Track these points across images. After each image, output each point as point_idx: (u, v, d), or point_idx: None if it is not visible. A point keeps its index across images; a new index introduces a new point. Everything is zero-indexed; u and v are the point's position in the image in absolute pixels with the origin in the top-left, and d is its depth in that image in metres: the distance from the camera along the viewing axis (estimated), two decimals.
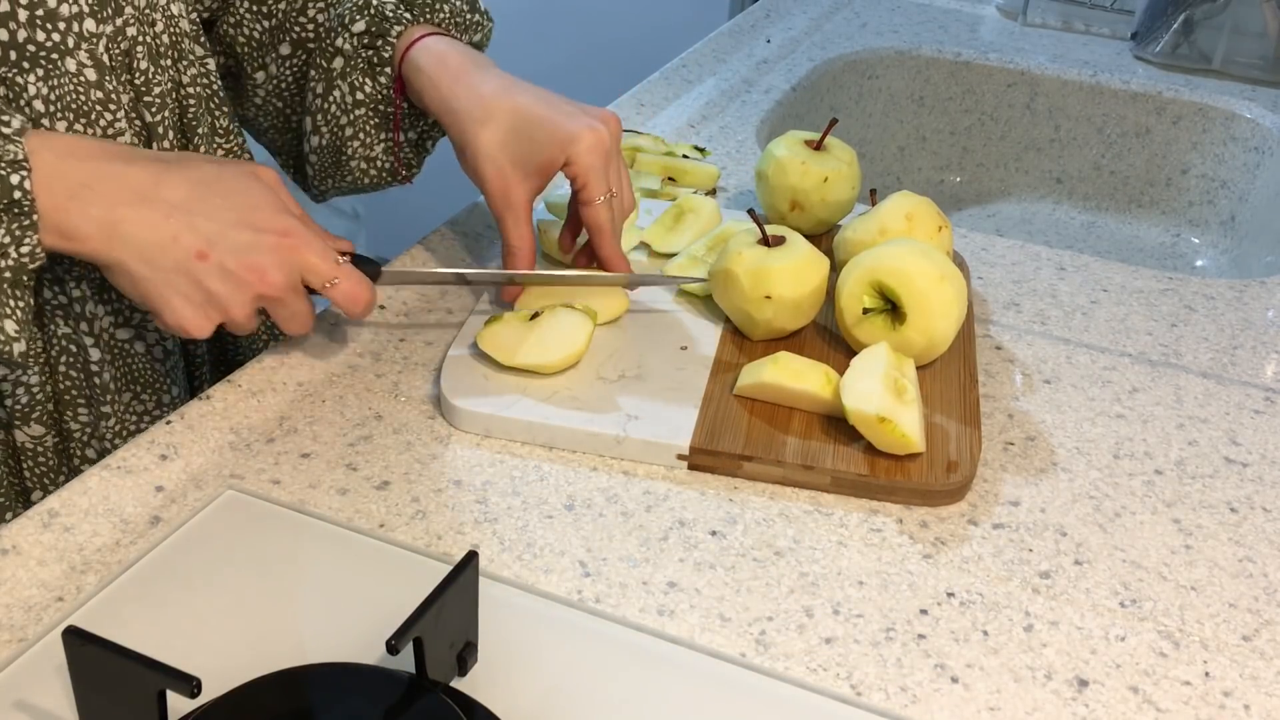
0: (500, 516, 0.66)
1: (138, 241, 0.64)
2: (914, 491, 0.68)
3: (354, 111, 0.82)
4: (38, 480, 0.75)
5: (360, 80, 0.81)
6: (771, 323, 0.77)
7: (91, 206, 0.63)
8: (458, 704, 0.52)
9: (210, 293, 0.65)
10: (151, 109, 0.73)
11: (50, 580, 0.60)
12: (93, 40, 0.69)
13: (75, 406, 0.75)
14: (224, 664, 0.54)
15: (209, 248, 0.65)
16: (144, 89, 0.73)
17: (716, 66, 1.33)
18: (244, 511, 0.65)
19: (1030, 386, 0.81)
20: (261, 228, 0.66)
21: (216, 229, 0.65)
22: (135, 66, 0.72)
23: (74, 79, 0.68)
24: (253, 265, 0.66)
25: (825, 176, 0.90)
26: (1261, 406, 0.81)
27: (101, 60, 0.69)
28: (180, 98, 0.76)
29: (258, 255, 0.66)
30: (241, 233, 0.65)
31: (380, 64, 0.81)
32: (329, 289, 0.69)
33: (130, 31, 0.71)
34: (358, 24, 0.80)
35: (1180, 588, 0.65)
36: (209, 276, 0.65)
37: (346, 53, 0.81)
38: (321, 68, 0.82)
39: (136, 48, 0.72)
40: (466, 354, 0.76)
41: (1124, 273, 0.96)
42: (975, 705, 0.57)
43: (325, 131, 0.84)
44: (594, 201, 0.76)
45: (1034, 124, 1.43)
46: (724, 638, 0.59)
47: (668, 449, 0.70)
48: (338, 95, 0.82)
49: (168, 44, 0.75)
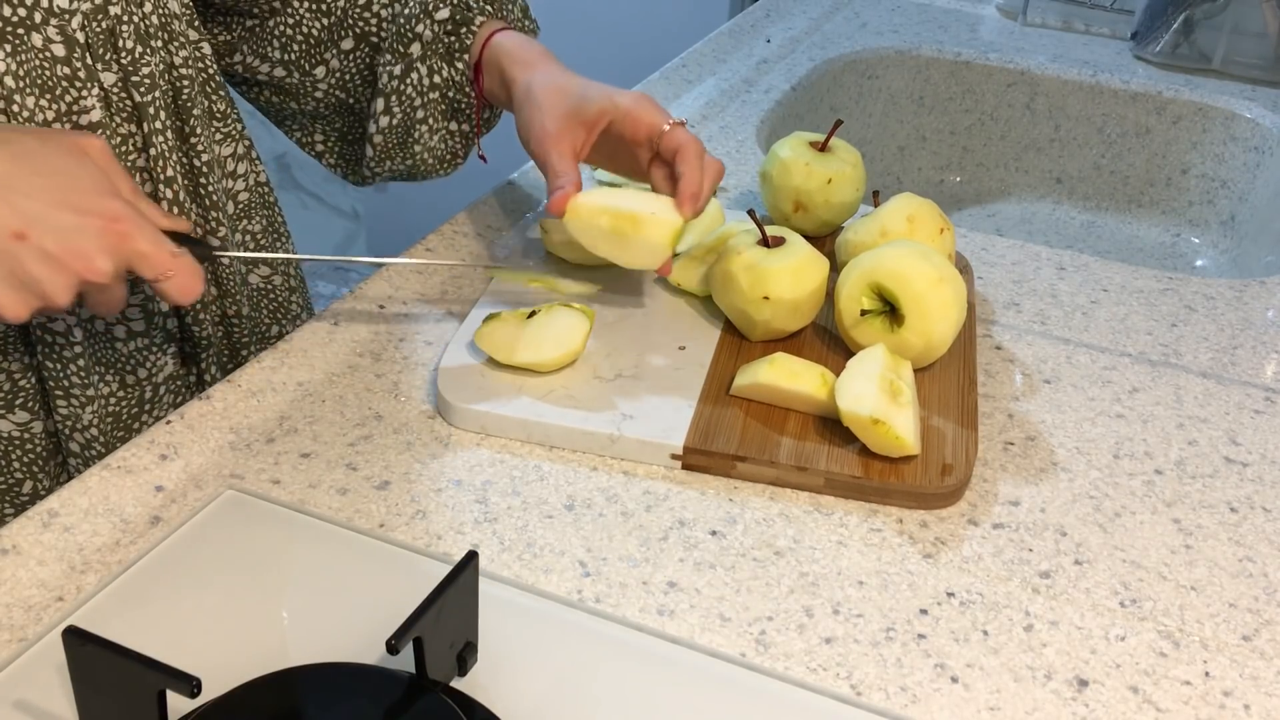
0: (500, 516, 0.66)
1: None
2: (908, 494, 0.68)
3: (429, 94, 0.87)
4: (27, 470, 0.76)
5: (439, 65, 0.86)
6: (770, 323, 0.78)
7: None
8: (458, 704, 0.52)
9: (29, 275, 0.60)
10: (140, 89, 0.73)
11: (50, 580, 0.60)
12: (64, 16, 0.68)
13: (53, 397, 0.74)
14: (224, 664, 0.54)
15: (27, 228, 0.60)
16: (131, 69, 0.72)
17: (716, 66, 1.33)
18: (244, 511, 0.65)
19: (1030, 386, 0.81)
20: (88, 210, 0.62)
21: (38, 209, 0.60)
22: (121, 46, 0.72)
23: (40, 54, 0.68)
24: (77, 251, 0.61)
25: (829, 178, 0.90)
26: (1261, 406, 0.81)
27: (74, 37, 0.69)
28: (173, 79, 0.76)
29: (82, 239, 0.61)
30: (64, 214, 0.61)
31: (460, 50, 0.86)
32: (160, 282, 0.65)
33: (113, 10, 0.71)
34: (442, 11, 0.85)
35: (1180, 588, 0.65)
36: (28, 258, 0.60)
37: (426, 39, 0.85)
38: (399, 53, 0.85)
39: (121, 26, 0.71)
40: (465, 352, 0.76)
41: (1124, 273, 0.96)
42: (975, 705, 0.57)
43: (398, 112, 0.87)
44: (669, 127, 0.78)
45: (1034, 124, 1.43)
46: (724, 638, 0.59)
47: (662, 448, 0.70)
48: (414, 78, 0.86)
49: (157, 25, 0.75)
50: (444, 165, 0.92)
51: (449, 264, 0.88)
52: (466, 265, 0.89)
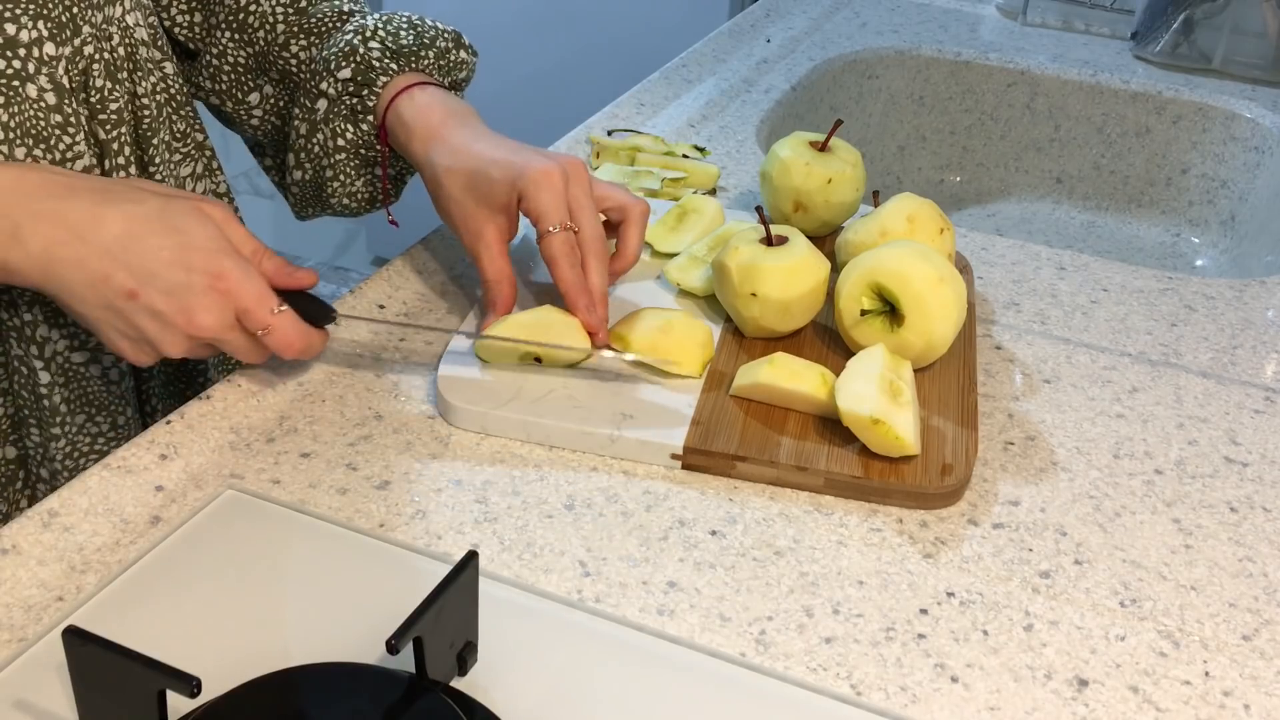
0: (500, 516, 0.66)
1: (69, 280, 0.64)
2: (908, 494, 0.68)
3: (335, 155, 0.83)
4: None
5: (343, 127, 0.82)
6: (759, 321, 0.78)
7: (28, 245, 0.64)
8: (458, 704, 0.52)
9: (141, 330, 0.66)
10: (105, 126, 0.73)
11: (50, 580, 0.60)
12: (52, 64, 0.69)
13: (28, 425, 0.75)
14: (224, 664, 0.54)
15: (139, 287, 0.64)
16: (99, 107, 0.73)
17: (716, 66, 1.33)
18: (244, 511, 0.65)
19: (1030, 386, 0.81)
20: (195, 268, 0.65)
21: (149, 269, 0.65)
22: (91, 85, 0.72)
23: (34, 104, 0.68)
24: (182, 307, 0.65)
25: (829, 178, 0.90)
26: (1261, 406, 0.81)
27: (61, 83, 0.70)
28: (135, 109, 0.76)
29: (188, 297, 0.65)
30: (175, 273, 0.65)
31: (364, 111, 0.82)
32: (262, 336, 0.69)
33: (88, 50, 0.71)
34: (344, 70, 0.81)
35: (1180, 587, 0.65)
36: (139, 315, 0.65)
37: (330, 96, 0.82)
38: (306, 107, 0.83)
39: (93, 66, 0.72)
40: (465, 352, 0.76)
41: (1124, 272, 0.96)
42: (975, 705, 0.57)
43: (308, 168, 0.85)
44: (545, 233, 0.74)
45: (1034, 124, 1.43)
46: (724, 637, 0.59)
47: (661, 448, 0.70)
48: (320, 139, 0.83)
49: (124, 56, 0.75)
50: (373, 204, 0.88)
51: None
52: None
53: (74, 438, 0.77)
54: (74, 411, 0.76)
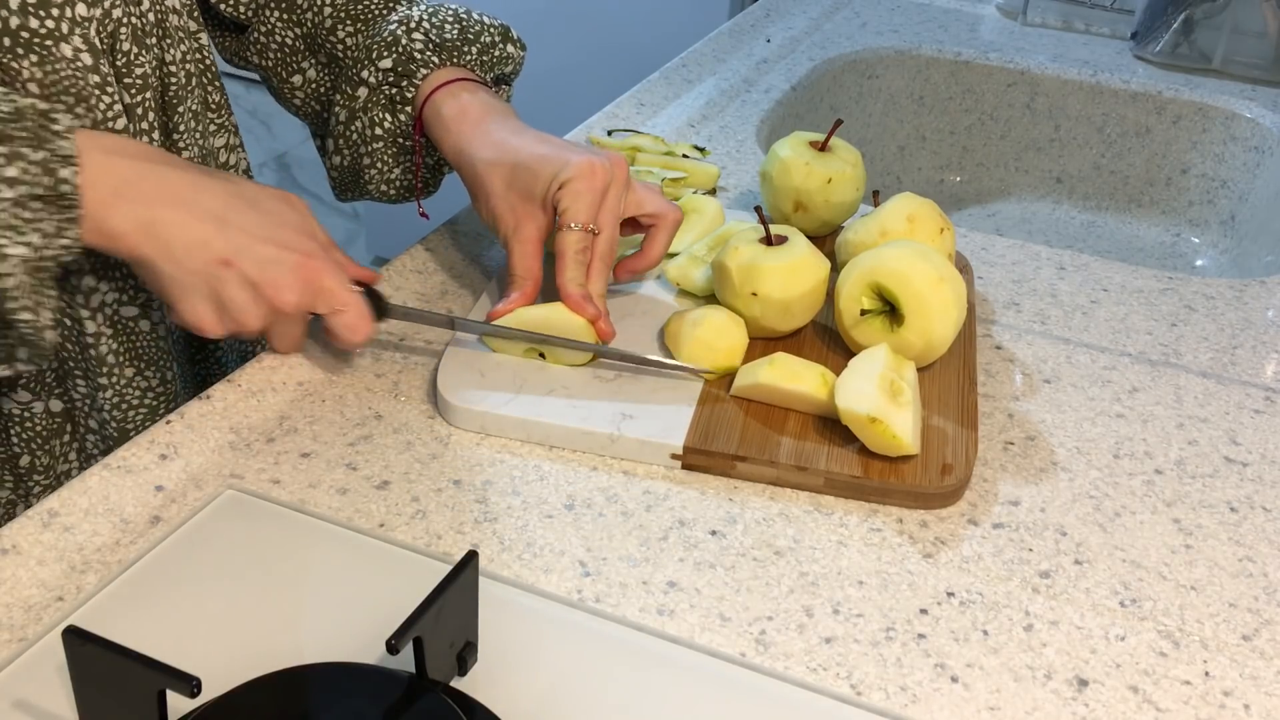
0: (500, 516, 0.66)
1: (170, 241, 0.65)
2: (907, 494, 0.68)
3: (373, 144, 0.84)
4: (25, 445, 0.76)
5: (381, 116, 0.83)
6: (759, 321, 0.78)
7: (132, 204, 0.64)
8: (458, 704, 0.52)
9: (229, 299, 0.67)
10: (131, 90, 0.73)
11: (50, 580, 0.60)
12: (85, 25, 0.69)
13: (74, 377, 0.76)
14: (224, 664, 0.54)
15: (235, 256, 0.66)
16: (124, 70, 0.73)
17: (716, 66, 1.33)
18: (244, 511, 0.65)
19: (1030, 386, 0.81)
20: (287, 245, 0.68)
21: (245, 240, 0.67)
22: (118, 49, 0.72)
23: (71, 64, 0.69)
24: (272, 280, 0.67)
25: (829, 178, 0.90)
26: (1261, 406, 0.81)
27: (95, 44, 0.70)
28: (163, 75, 0.77)
29: (279, 271, 0.68)
30: (267, 247, 0.68)
31: (402, 102, 0.83)
32: (333, 316, 0.70)
33: (116, 14, 0.71)
34: (385, 60, 0.82)
35: (1180, 587, 0.65)
36: (230, 284, 0.67)
37: (371, 84, 0.83)
38: (346, 94, 0.84)
39: (121, 29, 0.72)
40: (465, 352, 0.76)
41: (1124, 272, 0.96)
42: (975, 705, 0.57)
43: (346, 154, 0.86)
44: (566, 227, 0.74)
45: (1034, 124, 1.43)
46: (724, 637, 0.59)
47: (661, 448, 0.70)
48: (359, 126, 0.84)
49: (153, 23, 0.75)
50: (411, 193, 0.88)
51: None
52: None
53: (122, 390, 0.78)
54: (122, 364, 0.77)
